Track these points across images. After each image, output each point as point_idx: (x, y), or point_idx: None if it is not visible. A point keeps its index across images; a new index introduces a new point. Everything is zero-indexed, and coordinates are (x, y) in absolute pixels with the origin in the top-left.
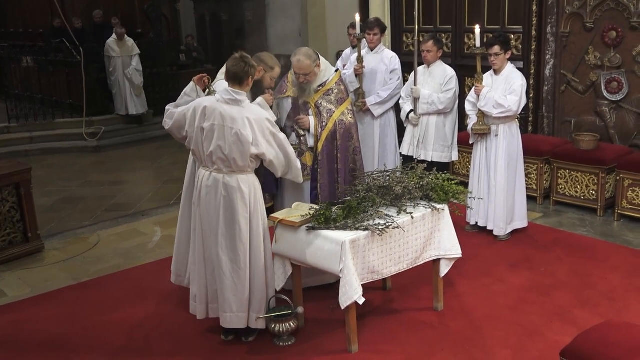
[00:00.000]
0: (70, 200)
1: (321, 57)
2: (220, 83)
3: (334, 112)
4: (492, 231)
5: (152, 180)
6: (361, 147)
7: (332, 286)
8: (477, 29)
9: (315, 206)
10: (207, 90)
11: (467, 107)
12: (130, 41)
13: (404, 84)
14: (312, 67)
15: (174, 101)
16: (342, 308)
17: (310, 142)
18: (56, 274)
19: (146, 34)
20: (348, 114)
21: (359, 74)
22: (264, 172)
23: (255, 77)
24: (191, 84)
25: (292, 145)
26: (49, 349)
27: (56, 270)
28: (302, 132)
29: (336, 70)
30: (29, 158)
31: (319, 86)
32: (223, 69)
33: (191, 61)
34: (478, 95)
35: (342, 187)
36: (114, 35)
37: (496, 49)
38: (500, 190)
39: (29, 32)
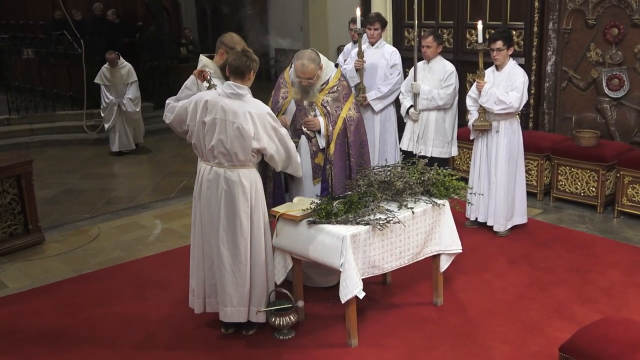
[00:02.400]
0: (71, 193)
1: (321, 56)
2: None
3: (341, 110)
4: (492, 227)
5: (152, 174)
6: None
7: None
8: (479, 24)
9: (316, 200)
10: (208, 84)
11: (469, 103)
12: (125, 67)
13: (404, 79)
14: (316, 70)
15: (174, 94)
16: (342, 302)
17: (322, 142)
18: (56, 266)
19: (147, 27)
20: (354, 109)
21: (359, 69)
22: (274, 183)
23: (219, 61)
24: (192, 77)
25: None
26: (48, 340)
27: (56, 262)
28: (311, 134)
29: (336, 66)
30: (30, 150)
31: (322, 85)
32: (201, 61)
33: (190, 54)
34: (479, 91)
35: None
36: (107, 63)
37: (499, 44)
38: (501, 186)
39: (29, 24)
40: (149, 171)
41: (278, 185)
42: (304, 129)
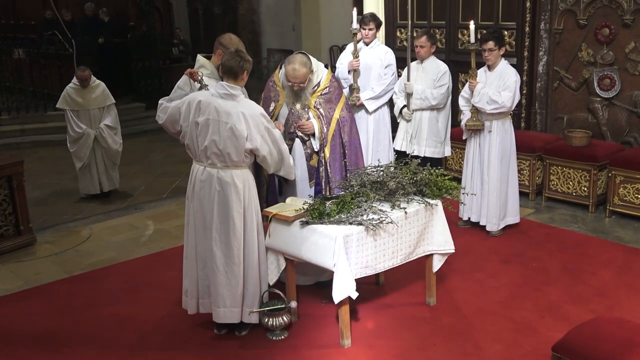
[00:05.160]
0: (63, 194)
1: (312, 58)
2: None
3: (334, 111)
4: (484, 227)
5: (144, 174)
6: None
7: (324, 282)
8: (472, 24)
9: (309, 201)
10: (200, 84)
11: (461, 103)
12: (99, 86)
13: (398, 79)
14: (308, 74)
15: (166, 95)
16: (335, 302)
17: (316, 145)
18: (48, 267)
19: (138, 27)
20: (346, 109)
21: (354, 69)
22: (267, 188)
23: (217, 62)
24: (184, 77)
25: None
26: (40, 342)
27: (48, 263)
28: (306, 138)
29: (325, 66)
30: (21, 151)
31: (314, 88)
32: (199, 61)
33: (182, 55)
34: (472, 91)
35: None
36: (74, 80)
37: (490, 44)
38: (493, 186)
39: (20, 24)
40: (141, 172)
41: (272, 190)
42: (298, 133)
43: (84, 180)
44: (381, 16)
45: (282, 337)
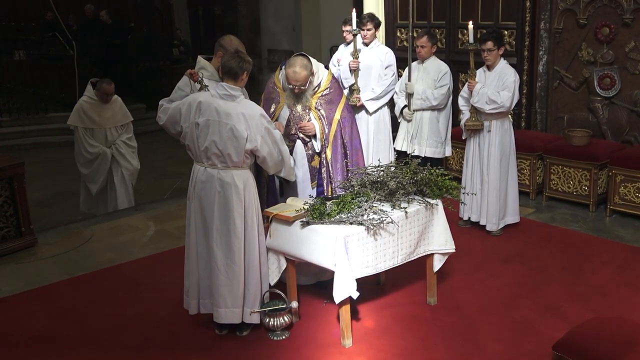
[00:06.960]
0: (64, 195)
1: (312, 60)
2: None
3: (335, 112)
4: (485, 226)
5: (145, 175)
6: None
7: (325, 282)
8: (471, 24)
9: (309, 201)
10: (200, 85)
11: (460, 102)
12: (117, 102)
13: (398, 80)
14: (308, 77)
15: (167, 96)
16: (336, 303)
17: (318, 146)
18: (49, 268)
19: (139, 28)
20: (346, 109)
21: (354, 69)
22: (267, 190)
23: (217, 63)
24: (184, 78)
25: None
26: (42, 343)
27: (49, 264)
28: (307, 139)
29: (326, 67)
30: (21, 152)
31: (314, 89)
32: (199, 63)
33: (182, 55)
34: (471, 91)
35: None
36: (89, 90)
37: (489, 44)
38: (493, 185)
39: (20, 26)
40: (142, 173)
41: (272, 192)
42: (299, 134)
43: (94, 203)
44: (381, 16)
45: (284, 337)
